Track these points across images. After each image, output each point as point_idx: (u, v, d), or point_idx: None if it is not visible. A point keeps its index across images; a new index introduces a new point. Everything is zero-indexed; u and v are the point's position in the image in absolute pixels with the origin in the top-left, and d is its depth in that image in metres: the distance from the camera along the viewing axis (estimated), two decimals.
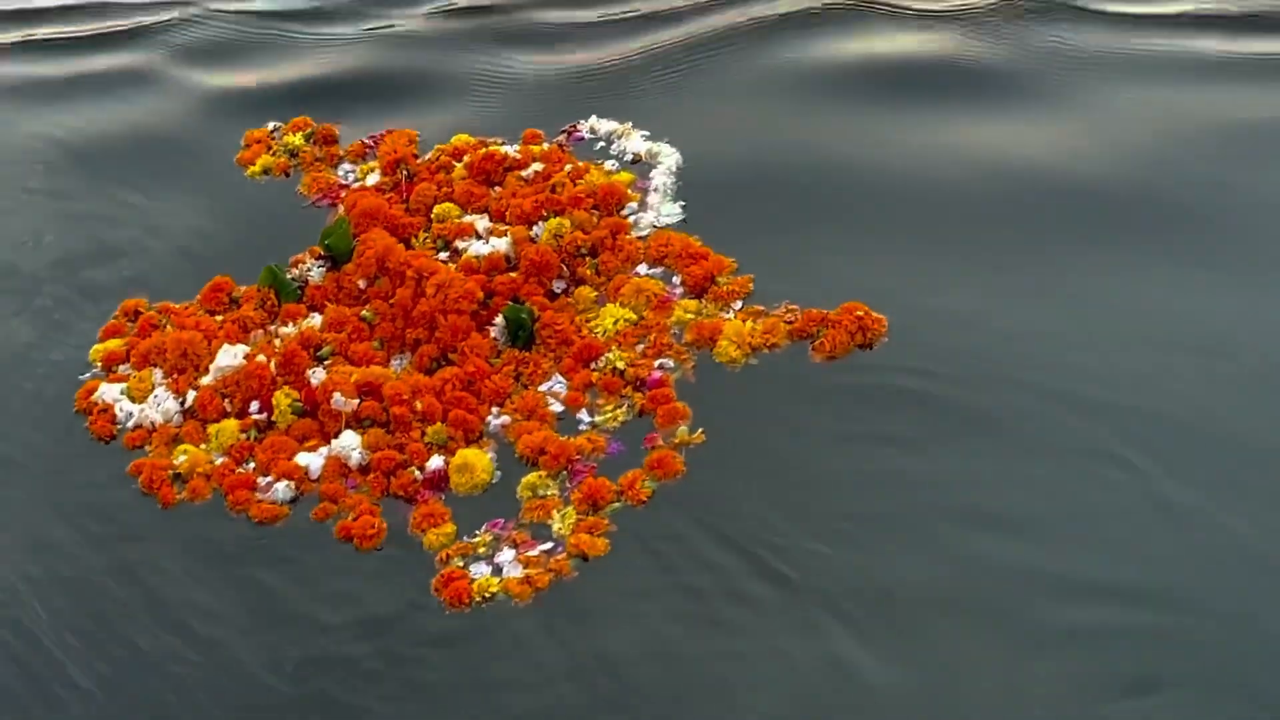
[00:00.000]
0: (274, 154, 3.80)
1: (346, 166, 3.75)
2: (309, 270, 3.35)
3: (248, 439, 2.98)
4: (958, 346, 2.95)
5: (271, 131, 3.91)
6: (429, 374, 3.06)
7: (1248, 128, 3.37)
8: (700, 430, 2.86)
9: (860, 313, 3.04)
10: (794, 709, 2.32)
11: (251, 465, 2.92)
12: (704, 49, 3.99)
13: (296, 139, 3.83)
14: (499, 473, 2.86)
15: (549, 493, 2.78)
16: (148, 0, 4.83)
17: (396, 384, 3.00)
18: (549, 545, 2.66)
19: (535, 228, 3.38)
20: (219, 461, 2.93)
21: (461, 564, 2.64)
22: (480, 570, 2.63)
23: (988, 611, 2.42)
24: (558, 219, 3.37)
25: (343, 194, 3.62)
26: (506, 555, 2.65)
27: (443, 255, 3.37)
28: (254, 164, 3.80)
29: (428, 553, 2.69)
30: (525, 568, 2.62)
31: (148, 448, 3.00)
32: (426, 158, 3.71)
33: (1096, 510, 2.57)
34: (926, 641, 2.38)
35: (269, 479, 2.88)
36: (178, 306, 3.33)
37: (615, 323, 3.14)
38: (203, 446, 2.98)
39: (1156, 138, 3.38)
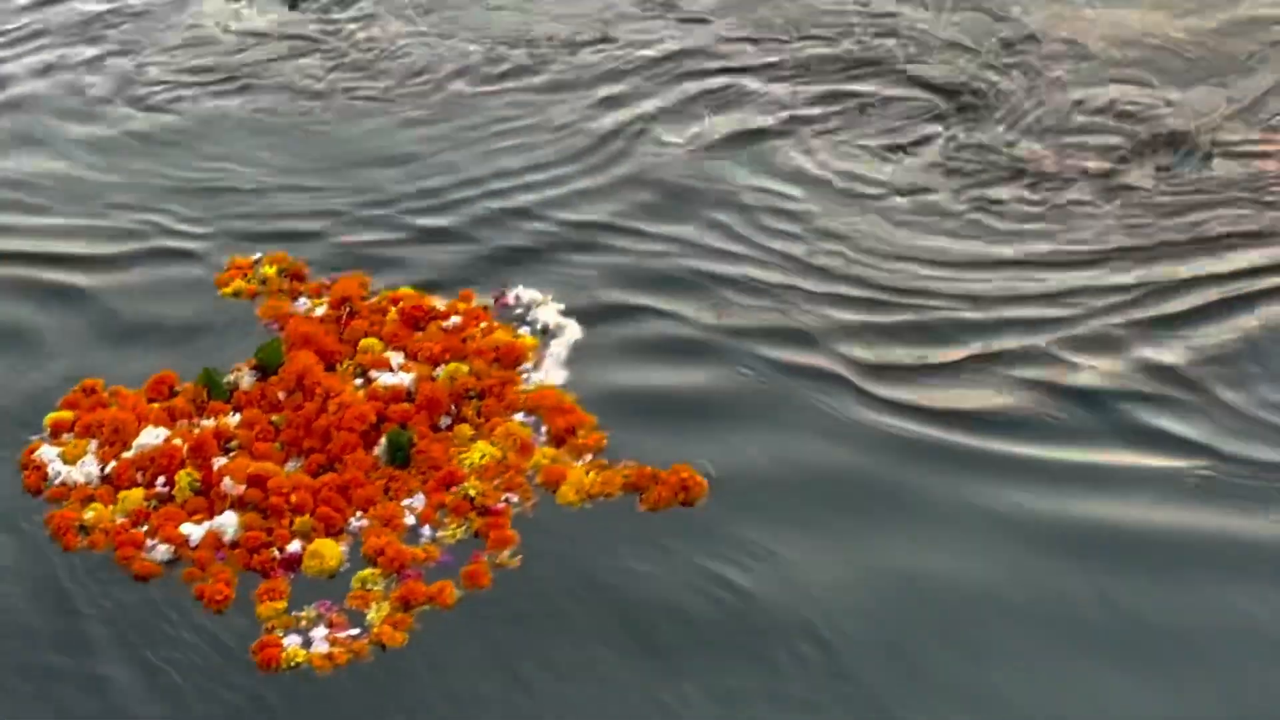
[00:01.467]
0: (248, 280, 4.41)
1: (304, 300, 4.32)
2: (243, 377, 3.91)
3: (148, 507, 3.50)
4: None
5: (254, 261, 4.52)
6: (314, 476, 3.56)
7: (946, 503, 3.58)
8: (518, 556, 3.32)
9: (685, 474, 3.50)
10: None
11: (145, 529, 3.43)
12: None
13: (271, 270, 4.44)
14: (348, 564, 3.33)
15: (375, 587, 3.24)
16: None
17: (282, 479, 3.50)
18: (356, 631, 3.12)
19: (439, 369, 3.91)
20: (120, 521, 3.45)
21: (281, 634, 3.11)
22: (293, 641, 3.08)
23: None
24: (457, 364, 3.89)
25: (289, 320, 4.19)
26: (319, 632, 3.11)
27: (359, 381, 3.91)
28: (228, 286, 4.41)
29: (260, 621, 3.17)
30: (331, 645, 3.07)
31: (64, 502, 3.54)
32: (371, 300, 4.29)
33: None
34: None
35: (155, 541, 3.38)
36: (126, 391, 3.90)
37: (482, 457, 3.61)
38: (110, 508, 3.50)
39: None
